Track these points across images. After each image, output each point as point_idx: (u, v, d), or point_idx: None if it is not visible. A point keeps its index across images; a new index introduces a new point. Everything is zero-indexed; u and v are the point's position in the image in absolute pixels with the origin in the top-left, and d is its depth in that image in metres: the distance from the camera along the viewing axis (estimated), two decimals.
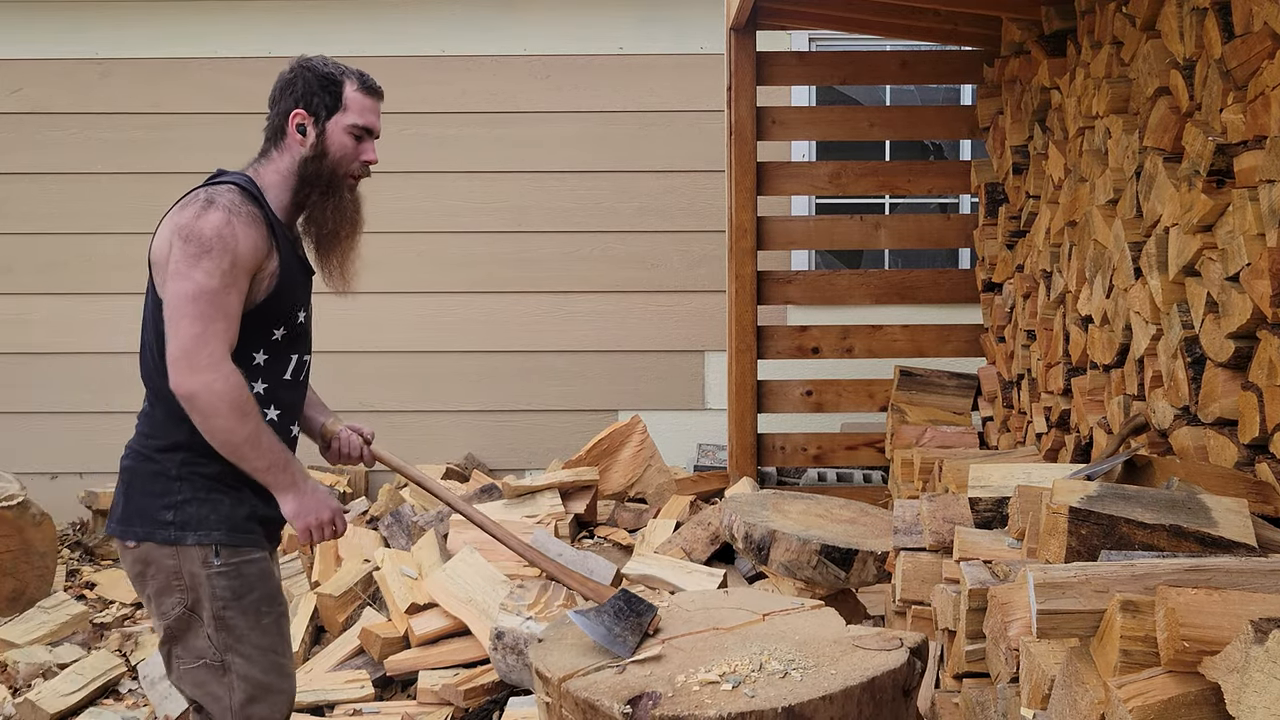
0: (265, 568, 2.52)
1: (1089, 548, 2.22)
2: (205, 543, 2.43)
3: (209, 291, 2.31)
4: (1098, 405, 3.74)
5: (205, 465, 2.45)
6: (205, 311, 2.31)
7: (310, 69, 2.55)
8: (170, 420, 2.45)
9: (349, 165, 2.57)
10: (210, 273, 2.32)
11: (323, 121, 2.53)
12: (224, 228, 2.34)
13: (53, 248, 6.49)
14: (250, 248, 2.38)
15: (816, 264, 6.61)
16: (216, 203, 2.37)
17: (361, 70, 2.61)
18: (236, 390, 2.34)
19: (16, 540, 4.92)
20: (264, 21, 6.47)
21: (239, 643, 2.46)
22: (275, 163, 2.54)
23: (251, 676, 2.47)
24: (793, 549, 3.72)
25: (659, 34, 6.46)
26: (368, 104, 2.58)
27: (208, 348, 2.31)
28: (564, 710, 2.31)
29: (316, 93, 2.53)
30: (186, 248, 2.32)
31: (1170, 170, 3.12)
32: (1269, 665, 1.51)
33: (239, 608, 2.46)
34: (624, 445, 5.31)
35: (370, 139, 2.59)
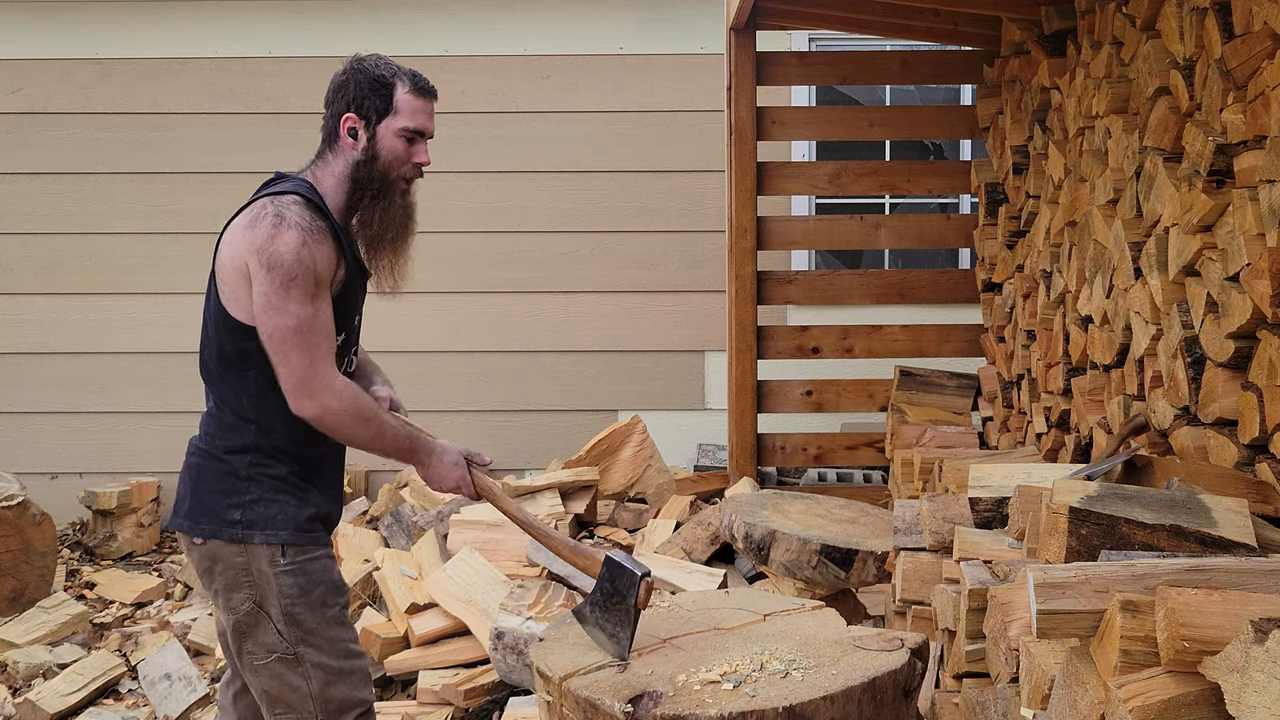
0: (327, 563, 2.59)
1: (1089, 548, 2.22)
2: (272, 542, 2.50)
3: (306, 320, 2.39)
4: (1098, 405, 3.74)
5: (273, 467, 2.52)
6: (308, 340, 2.39)
7: (362, 71, 2.53)
8: (239, 424, 2.52)
9: (400, 168, 2.56)
10: (302, 300, 2.38)
11: (374, 125, 2.53)
12: (301, 249, 2.38)
13: (52, 247, 6.49)
14: (326, 263, 2.43)
15: (816, 264, 6.61)
16: (287, 219, 2.39)
17: (415, 70, 2.58)
18: (351, 403, 2.44)
19: (16, 540, 4.92)
20: (264, 21, 6.48)
21: (309, 635, 2.53)
22: (330, 166, 2.55)
23: (325, 664, 2.54)
24: (793, 549, 3.72)
25: (659, 34, 6.46)
26: (419, 105, 2.55)
27: (318, 373, 2.41)
28: (565, 709, 2.31)
29: (367, 96, 2.52)
30: (271, 276, 2.37)
31: (1170, 170, 3.12)
32: (1269, 665, 1.51)
33: (306, 603, 2.53)
34: (624, 445, 5.31)
35: (422, 140, 2.58)
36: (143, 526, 6.07)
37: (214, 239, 2.81)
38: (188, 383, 6.49)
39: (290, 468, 2.53)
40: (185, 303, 6.50)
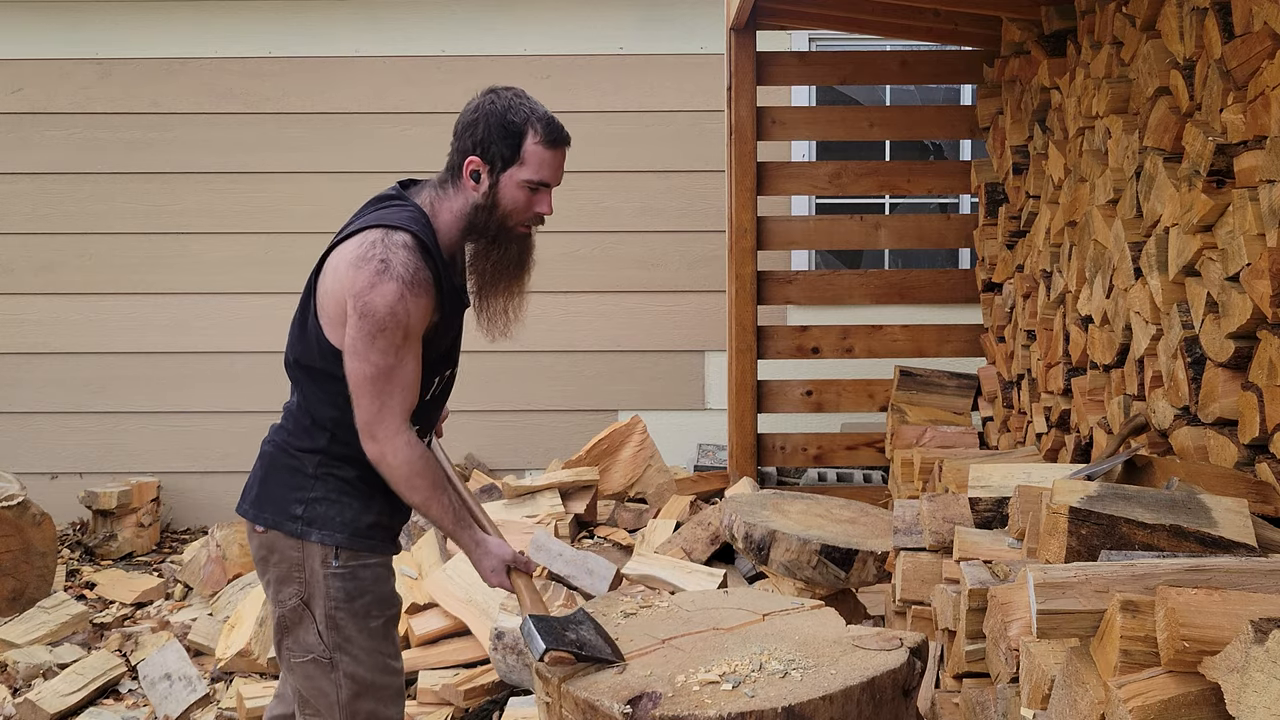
0: (381, 573, 2.58)
1: (1089, 548, 2.22)
2: (327, 543, 2.50)
3: (385, 370, 2.39)
4: (1098, 405, 3.74)
5: (341, 469, 2.53)
6: (382, 389, 2.39)
7: (493, 112, 2.44)
8: (314, 427, 2.55)
9: (520, 217, 2.51)
10: (385, 351, 2.37)
11: (497, 172, 2.45)
12: (397, 304, 2.35)
13: (52, 247, 6.49)
14: (420, 317, 2.41)
15: (816, 264, 6.61)
16: (391, 268, 2.35)
17: (550, 116, 2.48)
18: (408, 465, 2.43)
19: (16, 540, 4.92)
20: (264, 21, 6.48)
21: (347, 643, 2.52)
22: (451, 200, 2.50)
23: (358, 675, 2.53)
24: (793, 549, 3.72)
25: (659, 34, 6.46)
26: (547, 158, 2.47)
27: (384, 423, 2.41)
28: (564, 710, 2.31)
29: (495, 141, 2.44)
30: (362, 324, 2.36)
31: (1170, 170, 3.12)
32: (1269, 665, 1.51)
33: (350, 610, 2.52)
34: (624, 445, 5.31)
35: (547, 190, 2.51)
36: (143, 526, 6.06)
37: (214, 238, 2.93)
38: (188, 383, 6.50)
39: (359, 472, 2.52)
40: (185, 303, 6.50)
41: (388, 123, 6.47)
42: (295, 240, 6.48)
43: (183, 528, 6.52)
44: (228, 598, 4.86)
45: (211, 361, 6.50)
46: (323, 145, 6.48)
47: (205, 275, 6.49)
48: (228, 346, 6.50)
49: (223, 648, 4.32)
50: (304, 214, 6.47)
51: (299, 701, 2.58)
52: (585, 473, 4.99)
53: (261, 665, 4.24)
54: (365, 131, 6.47)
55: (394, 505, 2.59)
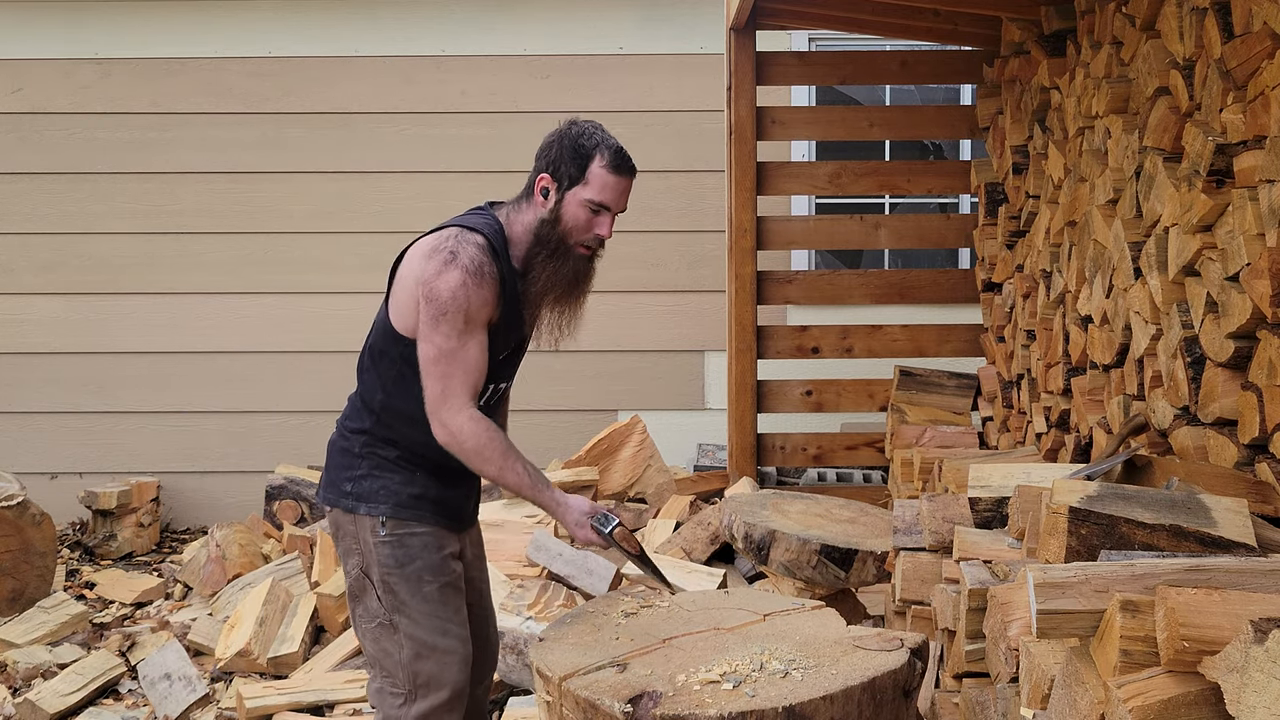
0: (430, 541, 2.70)
1: (1089, 548, 2.23)
2: (374, 514, 2.68)
3: (447, 352, 2.56)
4: (1097, 405, 3.74)
5: (384, 449, 2.72)
6: (445, 370, 2.57)
7: (568, 136, 2.66)
8: (362, 409, 2.76)
9: (580, 235, 2.67)
10: (448, 334, 2.56)
11: (563, 190, 2.64)
12: (459, 289, 2.55)
13: (52, 247, 6.49)
14: (480, 303, 2.58)
15: (816, 264, 6.61)
16: (459, 259, 2.56)
17: (620, 147, 2.68)
18: (474, 439, 2.58)
19: (16, 540, 4.92)
20: (264, 21, 6.48)
21: (404, 606, 2.67)
22: (524, 215, 2.69)
23: (417, 636, 2.67)
24: (793, 549, 3.72)
25: (659, 34, 6.46)
26: (610, 182, 2.65)
27: (448, 403, 2.58)
28: (564, 709, 2.31)
29: (566, 161, 2.63)
30: (427, 308, 2.56)
31: (1170, 170, 3.12)
32: (1269, 665, 1.51)
33: (401, 575, 2.67)
34: (624, 445, 5.31)
35: (608, 213, 2.67)
36: (143, 526, 6.06)
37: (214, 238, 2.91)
38: (188, 382, 6.50)
39: (401, 451, 2.70)
40: (185, 302, 6.50)
41: (388, 123, 6.47)
42: (295, 240, 6.48)
43: (182, 528, 6.53)
44: (227, 598, 4.86)
45: (211, 361, 6.50)
46: (323, 145, 6.48)
47: (205, 275, 6.49)
48: (227, 346, 6.50)
49: (222, 648, 4.32)
50: (304, 214, 6.48)
51: (371, 665, 2.75)
52: (585, 473, 4.99)
53: (261, 665, 4.25)
54: (365, 131, 6.47)
55: (441, 481, 2.73)
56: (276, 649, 4.28)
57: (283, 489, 5.71)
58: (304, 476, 5.76)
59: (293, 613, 4.51)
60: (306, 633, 4.38)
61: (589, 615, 2.73)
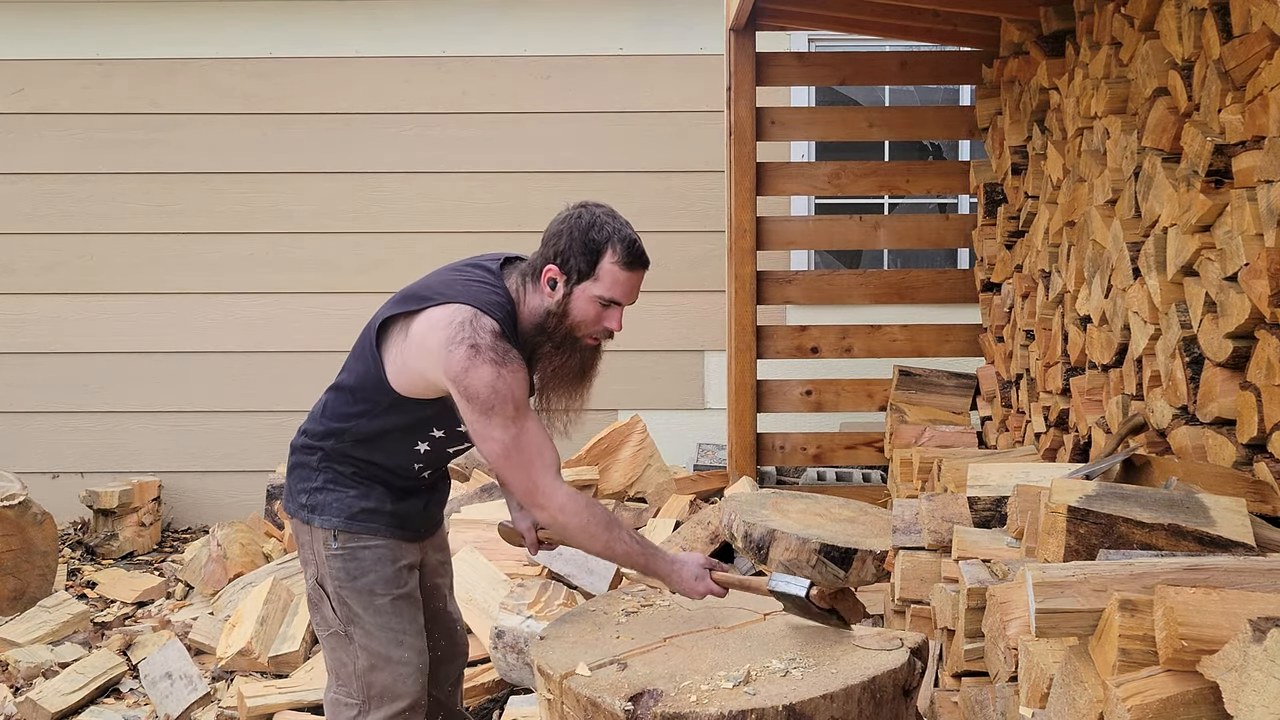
0: (382, 554, 2.69)
1: (1087, 547, 2.23)
2: (326, 526, 2.68)
3: (510, 443, 2.50)
4: (1096, 405, 3.75)
5: (339, 465, 2.71)
6: (520, 461, 2.51)
7: (579, 226, 2.55)
8: (328, 426, 2.72)
9: (588, 330, 2.60)
10: (504, 426, 2.48)
11: (572, 284, 2.55)
12: (497, 382, 2.46)
13: (53, 248, 6.50)
14: (520, 385, 2.50)
15: (816, 264, 6.62)
16: (481, 352, 2.46)
17: (633, 240, 2.56)
18: (576, 517, 2.53)
19: (18, 539, 4.93)
20: (264, 21, 6.48)
21: (356, 618, 2.68)
22: (531, 298, 2.60)
23: (371, 647, 2.68)
24: (792, 548, 3.73)
25: (659, 34, 6.46)
26: (621, 278, 2.55)
27: (540, 488, 2.53)
28: (565, 708, 2.32)
29: (575, 255, 2.53)
30: (472, 407, 2.48)
31: (1169, 170, 3.12)
32: (1267, 664, 1.51)
33: (353, 588, 2.68)
34: (624, 445, 5.32)
35: (618, 308, 2.60)
36: (144, 526, 6.07)
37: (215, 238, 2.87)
38: (189, 382, 6.51)
39: (354, 468, 2.70)
40: (186, 302, 6.51)
41: (388, 123, 6.47)
42: (295, 240, 6.49)
43: (184, 527, 6.53)
44: (228, 597, 4.87)
45: (212, 361, 6.51)
46: (323, 145, 6.48)
47: (206, 275, 6.50)
48: (228, 346, 6.51)
49: (224, 647, 4.33)
50: (304, 214, 6.48)
51: (330, 674, 2.76)
52: (584, 472, 4.99)
53: (262, 664, 4.25)
54: (365, 131, 6.48)
55: (397, 495, 2.72)
56: (277, 648, 4.28)
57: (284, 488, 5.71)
58: None
59: (294, 612, 4.52)
60: (307, 632, 4.39)
61: (590, 614, 2.74)
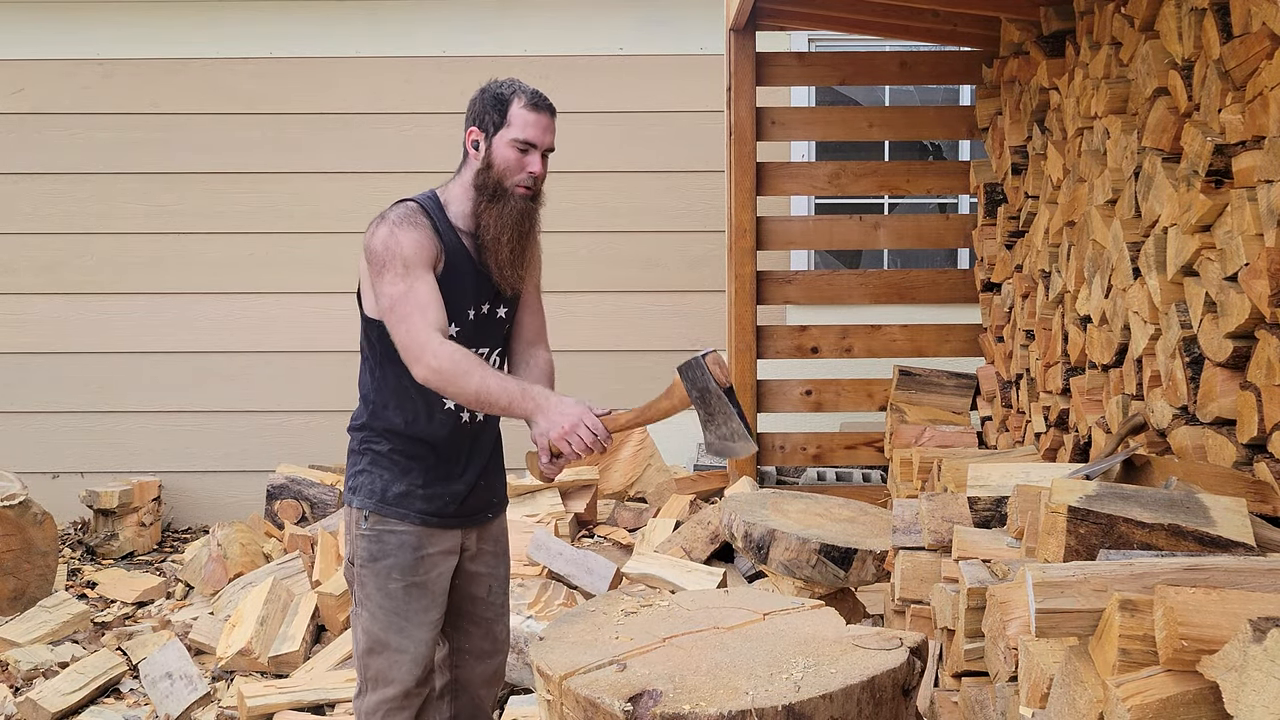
0: (407, 540, 2.75)
1: (1087, 547, 2.23)
2: (360, 508, 2.77)
3: (398, 296, 2.64)
4: (1096, 405, 3.75)
5: (378, 444, 2.79)
6: (401, 313, 2.63)
7: (486, 91, 2.78)
8: (361, 404, 2.84)
9: (514, 176, 2.74)
10: (391, 281, 2.64)
11: (491, 137, 2.74)
12: (388, 238, 2.66)
13: (54, 248, 6.50)
14: (413, 245, 2.67)
15: (816, 264, 6.62)
16: (386, 218, 2.71)
17: (536, 90, 2.77)
18: (448, 361, 2.60)
19: (18, 539, 4.93)
20: (265, 22, 6.48)
21: (368, 599, 2.76)
22: (461, 178, 2.81)
23: (372, 631, 2.75)
24: (792, 548, 3.73)
25: (659, 34, 6.46)
26: (531, 119, 2.73)
27: (415, 340, 2.62)
28: (565, 708, 2.32)
29: (487, 111, 2.75)
30: (371, 268, 2.68)
31: (1169, 170, 3.12)
32: (1267, 664, 1.51)
33: (372, 569, 2.75)
34: (624, 445, 5.32)
35: (535, 152, 2.75)
36: (144, 526, 6.07)
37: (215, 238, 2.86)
38: (188, 382, 6.51)
39: (391, 445, 2.77)
40: (186, 302, 6.51)
41: (388, 123, 6.47)
42: (295, 240, 6.49)
43: (184, 527, 6.53)
44: (229, 597, 4.87)
45: (212, 361, 6.51)
46: (323, 145, 6.48)
47: (206, 275, 6.50)
48: (228, 346, 6.51)
49: (224, 646, 4.33)
50: (304, 214, 6.48)
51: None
52: (585, 472, 4.99)
53: (262, 664, 4.25)
54: (365, 131, 6.48)
55: (435, 476, 2.77)
56: (277, 648, 4.29)
57: (284, 488, 5.72)
58: (305, 476, 5.76)
59: (294, 612, 4.52)
60: (307, 632, 4.39)
61: (589, 614, 2.74)
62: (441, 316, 2.65)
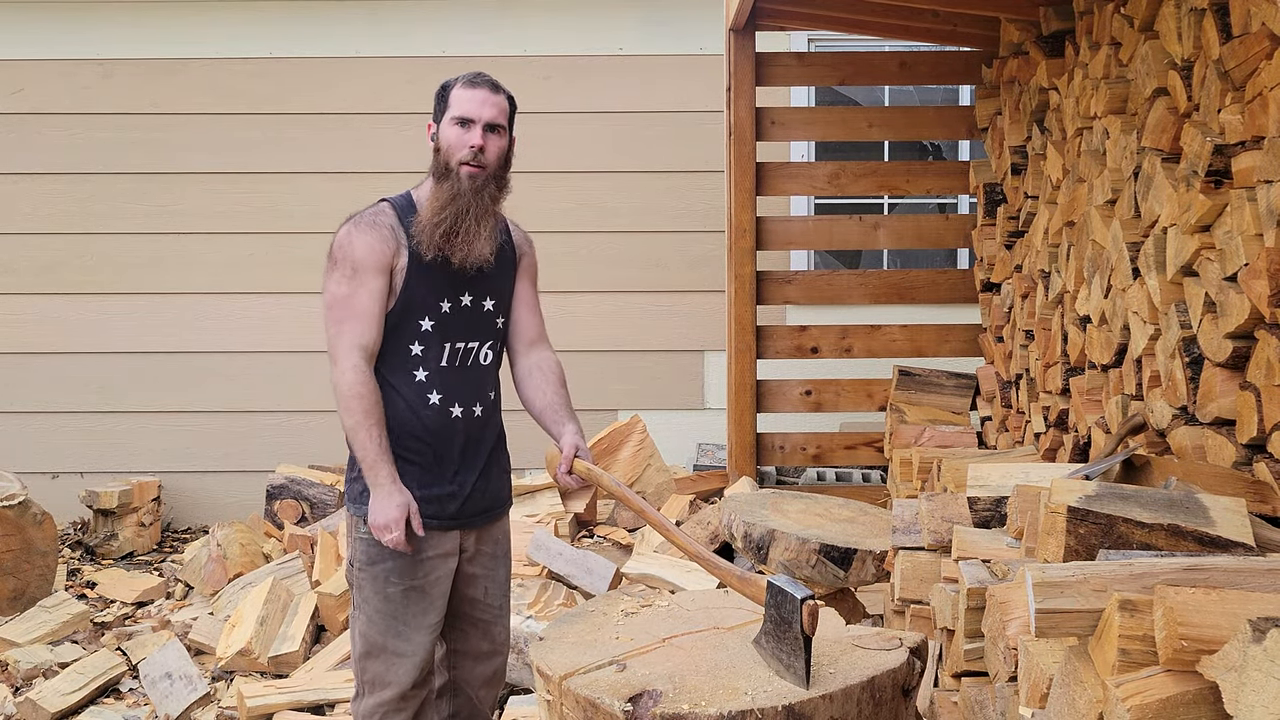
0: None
1: (1087, 547, 2.23)
2: (356, 513, 2.78)
3: (339, 299, 2.69)
4: (1096, 405, 3.75)
5: None
6: (336, 316, 2.69)
7: (440, 87, 2.84)
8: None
9: (458, 153, 2.77)
10: (338, 281, 2.69)
11: (439, 124, 2.81)
12: (344, 239, 2.71)
13: (53, 247, 6.50)
14: (366, 249, 2.69)
15: (816, 264, 6.62)
16: (352, 219, 2.76)
17: (479, 72, 2.87)
18: (350, 386, 2.66)
19: (18, 539, 4.93)
20: (265, 22, 6.48)
21: (365, 602, 2.76)
22: (430, 174, 2.83)
23: (369, 635, 2.76)
24: (792, 548, 3.73)
25: (659, 34, 6.46)
26: (466, 95, 2.79)
27: (335, 347, 2.69)
28: (564, 708, 2.32)
29: (436, 103, 2.83)
30: (328, 264, 2.73)
31: (1168, 171, 3.13)
32: (1267, 664, 1.52)
33: (369, 573, 2.75)
34: (624, 445, 5.32)
35: (475, 126, 2.78)
36: (144, 526, 6.07)
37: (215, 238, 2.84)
38: (188, 382, 6.51)
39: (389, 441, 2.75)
40: (186, 303, 6.51)
41: (388, 123, 6.47)
42: (295, 240, 6.49)
43: (183, 527, 6.53)
44: (228, 597, 4.87)
45: (212, 361, 6.51)
46: (323, 145, 6.48)
47: (205, 275, 6.50)
48: (228, 346, 6.51)
49: (223, 647, 4.33)
50: (304, 214, 6.48)
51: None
52: None
53: (262, 664, 4.25)
54: (365, 131, 6.48)
55: (430, 477, 2.76)
56: (277, 648, 4.29)
57: (283, 488, 5.72)
58: (305, 476, 5.76)
59: (293, 612, 4.52)
60: (307, 632, 4.39)
61: (589, 614, 2.74)
62: (371, 331, 2.68)
